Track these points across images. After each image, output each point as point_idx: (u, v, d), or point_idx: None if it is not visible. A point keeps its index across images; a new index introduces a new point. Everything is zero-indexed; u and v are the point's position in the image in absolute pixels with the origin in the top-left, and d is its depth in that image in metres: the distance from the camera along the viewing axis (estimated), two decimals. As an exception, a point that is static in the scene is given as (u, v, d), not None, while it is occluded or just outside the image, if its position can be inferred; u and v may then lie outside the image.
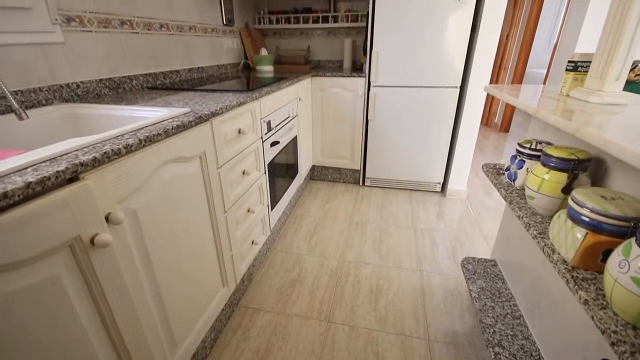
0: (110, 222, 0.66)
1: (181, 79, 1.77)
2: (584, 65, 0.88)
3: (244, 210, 1.35)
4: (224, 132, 1.13)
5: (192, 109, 1.03)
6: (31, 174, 0.54)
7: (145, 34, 1.49)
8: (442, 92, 2.10)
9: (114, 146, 0.67)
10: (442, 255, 1.72)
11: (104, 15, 1.27)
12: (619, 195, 0.62)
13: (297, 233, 1.92)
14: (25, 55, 1.02)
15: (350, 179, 2.59)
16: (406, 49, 2.04)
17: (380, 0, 1.95)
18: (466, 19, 1.89)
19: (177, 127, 0.85)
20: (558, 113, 0.72)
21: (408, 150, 2.32)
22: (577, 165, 0.75)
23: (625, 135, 0.54)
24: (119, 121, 1.02)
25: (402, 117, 2.23)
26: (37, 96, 1.05)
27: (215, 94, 1.33)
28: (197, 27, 1.90)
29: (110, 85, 1.32)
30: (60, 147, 0.63)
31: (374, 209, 2.19)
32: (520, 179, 0.97)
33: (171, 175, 0.87)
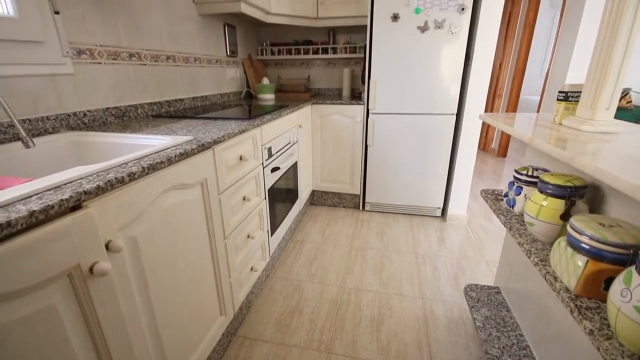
0: (110, 250, 0.66)
1: (185, 107, 1.82)
2: (575, 95, 0.91)
3: (243, 236, 1.34)
4: (226, 159, 1.15)
5: (195, 136, 1.05)
6: (35, 202, 0.54)
7: (152, 65, 1.56)
8: (439, 119, 2.16)
9: (117, 174, 0.68)
10: (444, 281, 1.69)
11: (114, 48, 1.33)
12: (616, 222, 0.63)
13: (297, 259, 1.90)
14: (35, 85, 1.06)
15: (350, 204, 2.60)
16: (403, 78, 2.11)
17: (377, 34, 2.05)
18: (459, 50, 1.98)
19: (179, 154, 0.87)
20: (552, 142, 0.74)
21: (407, 175, 2.34)
22: (574, 192, 0.76)
23: (619, 164, 0.55)
24: (124, 149, 1.04)
25: (400, 143, 2.27)
26: (45, 124, 1.08)
27: (218, 121, 1.36)
28: (202, 58, 1.98)
29: (116, 114, 1.35)
30: (65, 176, 0.65)
31: (375, 234, 2.18)
32: (519, 205, 0.97)
33: (172, 202, 0.88)
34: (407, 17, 1.97)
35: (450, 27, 1.93)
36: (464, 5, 1.88)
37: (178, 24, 1.74)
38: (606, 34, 0.79)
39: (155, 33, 1.56)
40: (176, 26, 1.72)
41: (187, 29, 1.82)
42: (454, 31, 1.94)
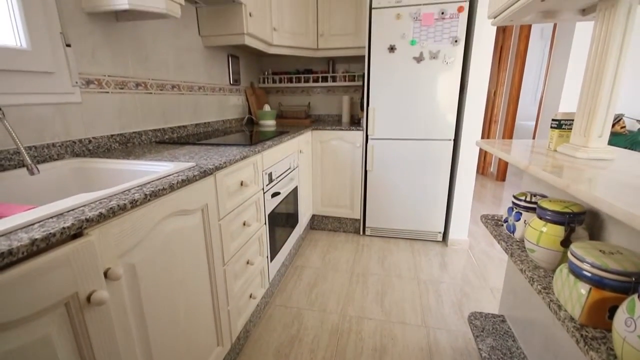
0: (108, 278, 0.66)
1: (188, 133, 1.86)
2: (568, 123, 0.94)
3: (243, 262, 1.32)
4: (227, 185, 1.16)
5: (197, 163, 1.07)
6: (37, 230, 0.55)
7: (158, 93, 1.61)
8: (437, 145, 2.19)
9: (120, 201, 0.69)
10: (447, 309, 1.65)
11: (121, 78, 1.38)
12: (617, 249, 0.63)
13: (297, 285, 1.86)
14: (43, 113, 1.09)
15: (351, 229, 2.58)
16: (400, 105, 2.17)
17: (375, 63, 2.13)
18: (454, 79, 2.05)
19: (181, 181, 0.88)
20: (548, 169, 0.75)
21: (407, 200, 2.35)
22: (573, 219, 0.76)
23: (614, 191, 0.56)
24: (127, 175, 1.06)
25: (400, 167, 2.29)
26: (50, 151, 1.10)
27: (220, 147, 1.39)
28: (206, 86, 2.05)
29: (120, 140, 1.38)
30: (67, 203, 0.65)
31: (376, 260, 2.15)
32: (519, 231, 0.97)
33: (173, 228, 0.88)
34: (403, 48, 2.06)
35: (445, 57, 2.02)
36: (457, 37, 1.97)
37: (184, 55, 1.81)
38: (594, 66, 0.83)
39: (162, 63, 1.63)
40: (182, 57, 1.79)
41: (193, 59, 1.90)
42: (448, 61, 2.02)
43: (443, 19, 1.96)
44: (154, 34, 1.56)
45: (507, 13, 0.93)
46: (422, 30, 2.00)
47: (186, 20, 1.82)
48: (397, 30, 2.03)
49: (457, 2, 1.92)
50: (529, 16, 0.98)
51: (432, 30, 1.99)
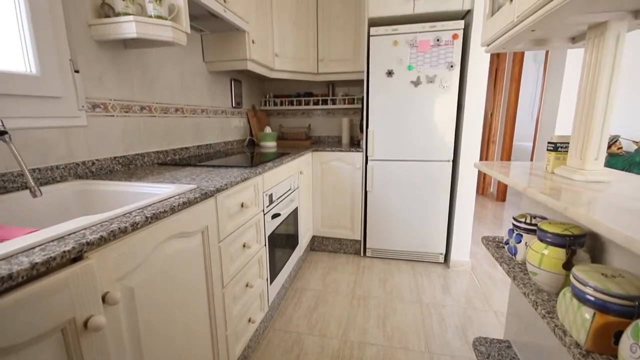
0: (106, 302, 0.65)
1: (190, 154, 1.88)
2: (563, 146, 0.95)
3: (242, 285, 1.31)
4: (227, 206, 1.16)
5: (198, 184, 1.08)
6: (38, 254, 0.55)
7: (162, 116, 1.64)
8: (436, 165, 2.21)
9: (121, 224, 0.69)
10: (451, 334, 1.60)
11: (127, 102, 1.42)
12: (619, 272, 0.62)
13: (297, 309, 1.82)
14: (49, 136, 1.11)
15: (351, 250, 2.55)
16: (399, 127, 2.20)
17: (373, 87, 2.19)
18: (451, 101, 2.10)
19: (182, 203, 0.88)
20: (546, 191, 0.76)
21: (408, 221, 2.34)
22: (574, 241, 0.76)
23: (612, 215, 0.57)
24: (129, 197, 1.07)
25: (400, 188, 2.30)
26: (53, 173, 1.11)
27: (221, 169, 1.40)
28: (209, 109, 2.09)
29: (123, 162, 1.40)
30: (69, 226, 0.66)
31: (377, 282, 2.11)
32: (521, 254, 0.97)
33: (172, 250, 0.88)
34: (400, 73, 2.12)
35: (442, 82, 2.07)
36: (452, 63, 2.03)
37: (188, 79, 1.87)
38: (586, 91, 0.85)
39: (166, 87, 1.68)
40: (187, 81, 1.85)
41: (197, 83, 1.95)
42: (445, 85, 2.07)
43: (438, 46, 2.03)
44: (160, 59, 1.61)
45: (499, 41, 0.97)
46: (418, 56, 2.07)
47: (191, 46, 1.89)
48: (395, 56, 2.10)
49: (452, 29, 2.00)
50: (520, 44, 1.02)
51: (429, 56, 2.06)
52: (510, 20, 0.87)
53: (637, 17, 0.80)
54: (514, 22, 0.85)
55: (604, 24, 0.82)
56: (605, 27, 0.82)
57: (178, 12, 1.29)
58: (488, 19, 1.07)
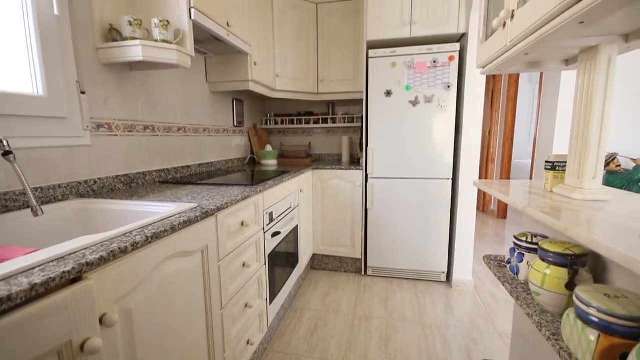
0: (103, 324, 0.64)
1: (191, 173, 1.90)
2: (561, 165, 0.96)
3: (241, 305, 1.28)
4: (228, 225, 1.16)
5: (199, 203, 1.08)
6: (37, 274, 0.55)
7: (164, 135, 1.67)
8: (435, 183, 2.22)
9: (121, 244, 0.69)
10: (456, 356, 1.56)
11: (131, 122, 1.44)
12: (621, 293, 0.62)
13: (297, 330, 1.78)
14: (53, 155, 1.12)
15: (352, 268, 2.52)
16: (398, 146, 2.23)
17: (373, 107, 2.23)
18: (449, 121, 2.13)
19: (183, 222, 0.89)
20: (546, 210, 0.76)
21: (408, 239, 2.32)
22: (575, 261, 0.76)
23: (612, 234, 0.57)
24: (130, 216, 1.07)
25: (400, 206, 2.30)
26: (55, 192, 1.12)
27: (222, 187, 1.41)
28: (211, 128, 2.12)
29: (125, 181, 1.41)
30: (69, 246, 0.66)
31: (378, 301, 2.08)
32: (523, 273, 0.96)
33: (172, 270, 0.87)
34: (399, 93, 2.17)
35: (439, 101, 2.11)
36: (449, 83, 2.08)
37: (191, 100, 1.91)
38: (581, 112, 0.87)
39: (170, 108, 1.71)
40: (189, 101, 1.89)
41: (199, 103, 1.99)
42: (442, 105, 2.11)
43: (435, 67, 2.09)
44: (164, 81, 1.66)
45: (494, 64, 1.00)
46: (416, 77, 2.12)
47: (195, 68, 1.94)
48: (393, 76, 2.16)
49: (448, 52, 2.06)
50: (515, 67, 1.05)
51: (426, 77, 2.11)
52: (503, 45, 0.90)
53: (628, 40, 0.83)
54: (507, 47, 0.88)
55: (595, 47, 0.85)
56: (596, 50, 0.85)
57: (183, 37, 1.33)
58: (482, 43, 1.11)
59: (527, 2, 0.78)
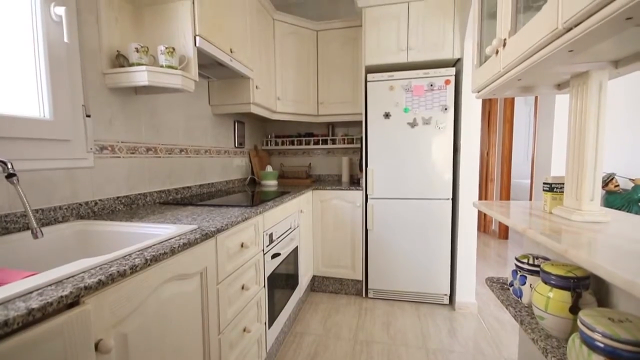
0: (98, 350, 0.63)
1: (192, 193, 1.90)
2: (559, 186, 0.97)
3: (239, 330, 1.25)
4: (227, 247, 1.16)
5: (199, 225, 1.08)
6: (35, 299, 0.54)
7: (166, 157, 1.69)
8: (436, 204, 2.22)
9: (120, 267, 0.69)
10: (460, 385, 1.50)
11: (134, 143, 1.47)
12: (625, 316, 0.61)
13: (296, 355, 1.73)
14: (55, 177, 1.13)
15: (353, 290, 2.48)
16: (398, 166, 2.25)
17: (372, 128, 2.27)
18: (447, 142, 2.16)
19: (183, 245, 0.88)
20: (546, 232, 0.76)
21: (410, 260, 2.30)
22: (578, 283, 0.75)
23: (612, 257, 0.57)
24: (129, 238, 1.06)
25: (400, 227, 2.29)
26: (56, 214, 1.12)
27: (222, 208, 1.41)
28: (212, 149, 2.15)
29: (125, 202, 1.41)
30: (67, 270, 0.65)
31: (380, 325, 2.02)
32: (526, 296, 0.94)
33: (170, 294, 0.86)
34: (397, 115, 2.21)
35: (437, 123, 2.15)
36: (446, 106, 2.13)
37: (194, 122, 1.94)
38: (575, 136, 0.89)
39: (172, 130, 1.74)
40: (192, 123, 1.92)
41: (201, 125, 2.03)
42: (440, 126, 2.15)
43: (432, 90, 2.14)
44: (167, 104, 1.70)
45: (488, 89, 1.04)
46: (414, 100, 2.17)
47: (198, 91, 1.99)
48: (391, 99, 2.21)
49: (444, 76, 2.12)
50: (509, 91, 1.08)
51: (423, 100, 2.16)
52: (497, 71, 0.93)
53: (618, 66, 0.86)
54: (500, 73, 0.91)
55: (585, 73, 0.88)
56: (587, 76, 0.87)
57: (188, 62, 1.38)
58: (477, 68, 1.14)
59: (518, 32, 0.81)
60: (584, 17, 0.58)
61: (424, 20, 2.15)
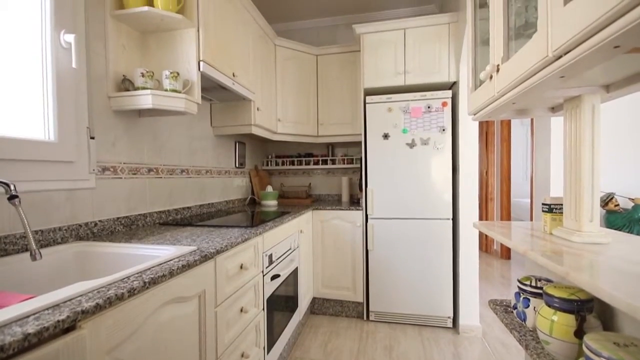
0: (93, 378, 0.61)
1: (192, 214, 1.90)
2: (558, 207, 0.98)
3: (237, 355, 1.22)
4: (227, 269, 1.15)
5: (198, 246, 1.08)
6: (32, 323, 0.53)
7: (167, 177, 1.70)
8: (436, 224, 2.21)
9: (118, 290, 0.68)
10: (467, 414, 1.44)
11: (136, 164, 1.48)
12: (630, 341, 0.60)
13: (295, 383, 1.67)
14: (56, 198, 1.13)
15: (354, 313, 2.42)
16: (397, 186, 2.26)
17: (371, 149, 2.30)
18: (446, 162, 2.18)
19: (182, 267, 0.88)
20: (547, 253, 0.76)
21: (411, 281, 2.26)
22: (582, 306, 0.74)
23: (614, 280, 0.57)
24: (128, 260, 1.06)
25: (401, 247, 2.27)
26: (55, 235, 1.12)
27: (222, 229, 1.41)
28: (213, 170, 2.17)
29: (125, 223, 1.41)
30: (65, 293, 0.65)
31: (382, 350, 1.96)
32: (530, 319, 0.93)
33: (167, 317, 0.84)
34: (396, 135, 2.25)
35: (435, 144, 2.18)
36: (444, 127, 2.17)
37: (195, 143, 1.97)
38: (571, 158, 0.91)
39: (174, 151, 1.76)
40: (194, 144, 1.95)
41: (203, 146, 2.06)
42: (438, 147, 2.18)
43: (430, 112, 2.19)
44: (170, 126, 1.73)
45: (484, 112, 1.06)
46: (412, 121, 2.22)
47: (200, 113, 2.03)
48: (390, 121, 2.25)
49: (441, 98, 2.17)
50: (504, 114, 1.11)
51: (421, 121, 2.20)
52: (491, 95, 0.96)
53: (609, 91, 0.89)
54: (495, 97, 0.94)
55: (578, 97, 0.91)
56: (579, 100, 0.90)
57: (191, 86, 1.42)
58: (472, 92, 1.18)
59: (510, 58, 0.84)
60: (573, 46, 0.60)
61: (420, 46, 2.23)
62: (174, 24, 1.40)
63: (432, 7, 2.84)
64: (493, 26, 0.98)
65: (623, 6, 0.47)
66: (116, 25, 1.35)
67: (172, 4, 1.34)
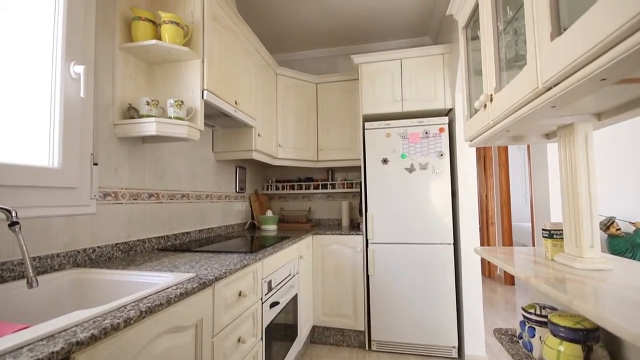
0: (84, 414, 0.59)
1: (191, 239, 1.88)
2: (558, 233, 0.98)
3: (234, 389, 1.17)
4: (225, 296, 1.12)
5: (197, 273, 1.06)
6: (26, 354, 0.52)
7: (168, 202, 1.70)
8: (437, 248, 2.19)
9: (114, 320, 0.67)
10: None
11: (137, 190, 1.49)
12: (642, 375, 0.58)
13: (294, 420, 1.58)
14: (55, 224, 1.13)
15: (355, 342, 2.34)
16: (397, 211, 2.26)
17: (370, 173, 2.32)
18: (445, 186, 2.19)
19: (179, 295, 0.86)
20: (550, 281, 0.75)
21: (414, 309, 2.20)
22: (588, 336, 0.73)
23: (618, 309, 0.56)
24: (125, 287, 1.04)
25: (402, 272, 2.23)
26: (53, 262, 1.10)
27: (221, 255, 1.39)
28: (213, 195, 2.18)
29: (123, 249, 1.40)
30: (60, 323, 0.63)
31: (385, 384, 1.88)
32: (537, 350, 0.90)
33: (163, 348, 0.82)
34: (395, 160, 2.27)
35: (434, 168, 2.21)
36: (442, 152, 2.20)
37: (196, 168, 1.99)
38: (568, 184, 0.92)
39: (175, 176, 1.78)
40: (195, 169, 1.97)
41: (204, 171, 2.08)
42: (437, 172, 2.20)
43: (427, 137, 2.23)
44: (172, 151, 1.75)
45: (480, 138, 1.09)
46: (410, 146, 2.25)
47: (202, 139, 2.07)
48: (389, 146, 2.29)
49: (438, 124, 2.22)
50: (500, 140, 1.14)
51: (419, 146, 2.24)
52: (486, 123, 0.99)
53: (600, 119, 0.92)
54: (489, 125, 0.96)
55: (570, 125, 0.93)
56: (572, 127, 0.93)
57: (195, 114, 1.46)
58: (467, 120, 1.21)
59: (503, 89, 0.88)
60: (562, 78, 0.63)
61: (416, 75, 2.31)
62: (180, 56, 1.46)
63: (426, 38, 2.96)
64: (485, 58, 1.02)
65: (607, 43, 0.50)
66: (124, 56, 1.41)
67: (179, 37, 1.40)
